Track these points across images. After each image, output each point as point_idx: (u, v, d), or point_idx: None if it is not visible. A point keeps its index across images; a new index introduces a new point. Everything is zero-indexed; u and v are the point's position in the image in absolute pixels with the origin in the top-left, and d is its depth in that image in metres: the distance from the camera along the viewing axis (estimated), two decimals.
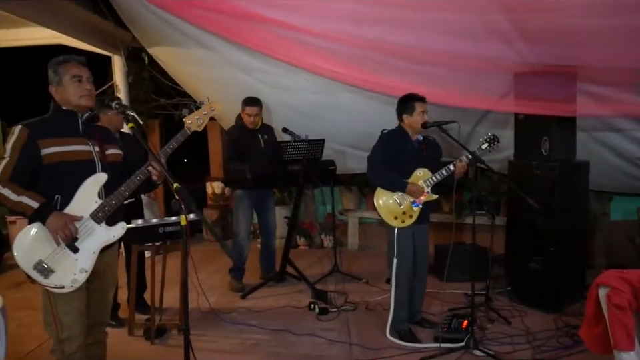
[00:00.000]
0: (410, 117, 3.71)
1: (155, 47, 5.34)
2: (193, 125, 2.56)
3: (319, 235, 6.93)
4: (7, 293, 3.60)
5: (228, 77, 4.99)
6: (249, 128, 4.87)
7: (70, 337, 2.42)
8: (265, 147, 4.93)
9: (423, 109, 3.69)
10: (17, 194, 2.30)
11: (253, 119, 4.85)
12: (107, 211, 2.44)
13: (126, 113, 2.45)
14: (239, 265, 5.10)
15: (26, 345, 3.76)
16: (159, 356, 3.62)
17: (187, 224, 2.03)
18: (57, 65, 2.47)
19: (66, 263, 2.38)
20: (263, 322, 4.15)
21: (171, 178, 2.08)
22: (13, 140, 2.35)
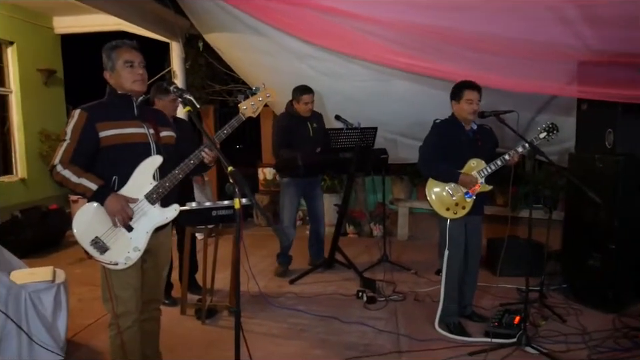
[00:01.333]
0: (457, 104, 3.62)
1: (211, 33, 5.43)
2: (247, 111, 2.57)
3: (368, 223, 6.89)
4: (68, 268, 3.77)
5: (281, 63, 5.01)
6: (299, 115, 4.87)
7: (125, 312, 2.50)
8: (314, 134, 4.93)
9: (471, 97, 3.56)
10: (77, 176, 2.37)
11: (310, 106, 4.85)
12: (160, 192, 2.49)
13: (183, 96, 2.49)
14: (285, 251, 5.15)
15: (86, 319, 3.93)
16: (210, 336, 3.70)
17: (240, 207, 2.05)
18: (110, 51, 2.52)
19: (120, 241, 2.45)
20: (310, 308, 4.17)
21: (226, 161, 2.10)
22: (73, 123, 2.43)
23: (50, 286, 3.30)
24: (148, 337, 2.73)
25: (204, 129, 2.33)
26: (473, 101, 3.55)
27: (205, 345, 3.54)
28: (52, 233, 6.39)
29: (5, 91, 7.13)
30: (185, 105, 2.42)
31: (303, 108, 4.82)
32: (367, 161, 4.84)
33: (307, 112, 4.85)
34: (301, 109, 4.83)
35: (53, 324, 3.28)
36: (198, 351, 3.46)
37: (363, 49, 4.27)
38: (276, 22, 4.20)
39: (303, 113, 4.84)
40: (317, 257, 5.28)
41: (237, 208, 2.04)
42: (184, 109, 2.41)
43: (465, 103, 3.57)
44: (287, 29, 4.29)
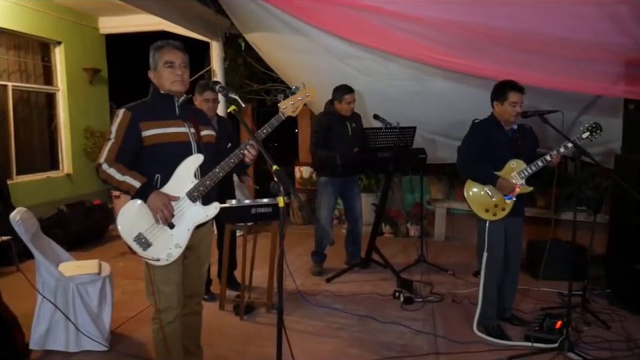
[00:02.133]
0: (500, 105, 3.54)
1: (251, 33, 5.49)
2: (287, 110, 2.59)
3: (404, 223, 6.85)
4: (112, 261, 3.88)
5: (321, 62, 5.03)
6: (339, 115, 4.88)
7: (168, 307, 2.56)
8: (353, 134, 4.93)
9: (515, 99, 3.46)
10: (122, 174, 2.43)
11: (353, 106, 4.85)
12: (202, 190, 2.53)
13: (228, 95, 2.52)
14: (320, 250, 5.16)
15: (128, 311, 4.04)
16: (248, 332, 3.75)
17: (284, 206, 2.07)
18: (154, 51, 2.58)
19: (162, 237, 2.50)
20: (347, 307, 4.18)
21: (270, 160, 2.12)
22: (118, 122, 2.48)
23: (96, 278, 3.41)
24: (190, 331, 2.79)
25: (248, 129, 2.36)
26: (517, 103, 3.48)
27: (243, 341, 3.59)
28: (95, 227, 6.60)
29: (53, 89, 7.38)
30: (229, 104, 2.45)
31: (345, 108, 4.83)
32: (406, 160, 4.82)
33: (348, 112, 4.86)
34: (343, 109, 4.83)
35: (98, 315, 3.40)
36: (237, 346, 3.51)
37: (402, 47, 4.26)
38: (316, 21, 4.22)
39: (344, 112, 4.85)
40: (353, 256, 5.29)
41: (281, 206, 2.06)
42: (229, 107, 2.43)
43: (509, 105, 3.49)
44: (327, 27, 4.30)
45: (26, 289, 3.54)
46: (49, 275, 3.29)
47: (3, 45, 6.53)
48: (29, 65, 6.99)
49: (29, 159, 6.98)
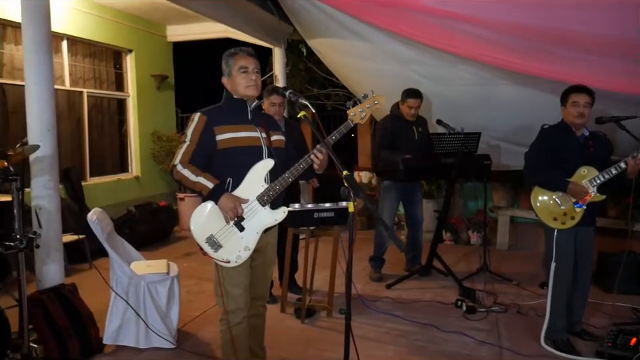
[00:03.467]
0: (564, 109, 3.46)
1: (314, 38, 5.55)
2: (355, 118, 2.60)
3: (466, 230, 6.71)
4: (176, 262, 4.00)
5: (383, 68, 5.01)
6: (405, 119, 4.85)
7: (236, 309, 2.62)
8: (418, 139, 4.88)
9: (577, 99, 3.37)
10: (195, 175, 2.52)
11: (414, 111, 4.81)
12: (271, 195, 2.58)
13: (299, 101, 2.56)
14: (379, 255, 5.13)
15: (193, 310, 4.17)
16: (309, 335, 3.78)
17: (354, 211, 2.08)
18: (228, 57, 2.65)
19: (233, 239, 2.56)
20: (408, 314, 4.14)
21: (340, 165, 2.14)
22: (193, 126, 2.58)
23: (165, 278, 3.54)
24: (254, 332, 2.85)
25: (320, 134, 2.38)
26: (578, 103, 3.37)
27: (304, 344, 3.63)
28: (161, 228, 6.84)
29: (124, 95, 7.73)
30: (299, 110, 2.49)
31: (407, 111, 4.80)
32: (469, 166, 4.73)
33: (409, 116, 4.82)
34: (405, 112, 4.81)
35: (166, 314, 3.52)
36: (298, 348, 3.55)
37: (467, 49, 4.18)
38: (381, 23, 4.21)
39: (407, 116, 4.82)
40: (413, 262, 5.23)
41: (351, 211, 2.08)
42: (299, 113, 2.47)
43: (570, 106, 3.40)
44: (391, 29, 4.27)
45: (98, 285, 3.73)
46: (122, 273, 3.44)
47: (79, 53, 6.90)
48: (102, 73, 7.36)
49: (101, 162, 7.34)
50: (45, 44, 3.46)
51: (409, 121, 4.86)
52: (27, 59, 3.44)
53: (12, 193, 3.05)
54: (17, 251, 3.01)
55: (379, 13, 4.16)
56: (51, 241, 3.47)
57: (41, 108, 3.45)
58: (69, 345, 3.20)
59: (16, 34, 5.88)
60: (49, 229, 3.46)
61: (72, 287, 3.52)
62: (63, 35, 6.41)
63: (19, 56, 5.93)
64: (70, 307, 3.35)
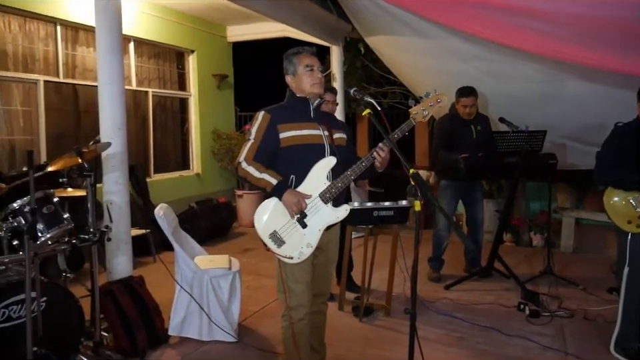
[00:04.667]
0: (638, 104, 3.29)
1: (372, 36, 5.53)
2: (418, 116, 2.58)
3: (527, 232, 6.51)
4: (235, 257, 4.08)
5: (444, 65, 4.94)
6: (463, 118, 4.76)
7: (298, 305, 2.64)
8: (477, 137, 4.77)
9: None
10: (259, 172, 2.56)
11: (469, 110, 4.72)
12: (333, 192, 2.59)
13: (364, 99, 2.56)
14: (438, 255, 5.06)
15: (253, 305, 4.25)
16: (367, 334, 3.78)
17: (420, 210, 2.07)
18: (292, 56, 2.69)
19: (295, 236, 2.58)
20: (468, 316, 4.05)
21: (406, 164, 2.13)
22: (257, 124, 2.62)
23: (227, 273, 3.62)
24: (315, 329, 2.87)
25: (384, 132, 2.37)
26: None
27: (363, 343, 3.62)
28: (221, 224, 7.00)
29: (186, 95, 7.96)
30: (365, 107, 2.49)
31: (462, 110, 4.71)
32: (534, 166, 4.58)
33: (465, 115, 4.73)
34: (460, 111, 4.72)
35: (228, 308, 3.60)
36: (356, 347, 3.55)
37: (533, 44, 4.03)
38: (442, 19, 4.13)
39: (462, 115, 4.73)
40: (473, 264, 5.12)
41: (418, 210, 2.06)
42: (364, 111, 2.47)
43: None
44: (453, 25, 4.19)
45: (162, 278, 3.87)
46: (186, 267, 3.55)
47: (144, 54, 7.16)
48: (166, 73, 7.61)
49: (164, 159, 7.60)
50: (116, 46, 3.62)
51: (467, 120, 4.76)
52: (100, 60, 3.61)
53: (86, 189, 3.21)
54: (90, 244, 3.17)
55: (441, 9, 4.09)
56: (120, 235, 3.62)
57: (113, 107, 3.61)
58: (136, 334, 3.33)
59: (87, 37, 6.18)
60: (119, 223, 3.61)
61: (140, 279, 3.66)
62: (130, 37, 6.66)
63: (90, 58, 6.22)
64: (138, 299, 3.49)
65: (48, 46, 5.79)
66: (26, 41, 5.56)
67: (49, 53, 5.81)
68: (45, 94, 5.69)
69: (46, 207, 3.04)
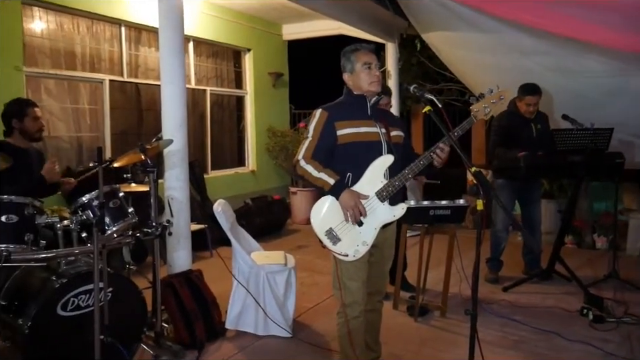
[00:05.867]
0: None
1: (429, 32, 5.45)
2: (479, 114, 2.52)
3: (590, 234, 6.25)
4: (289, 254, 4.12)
5: (505, 61, 4.81)
6: (523, 116, 4.61)
7: (353, 302, 2.64)
8: (537, 136, 4.62)
9: None
10: (317, 170, 2.57)
11: (532, 108, 4.57)
12: (390, 191, 2.58)
13: (424, 96, 2.53)
14: (496, 256, 4.93)
15: (307, 302, 4.28)
16: (423, 334, 3.74)
17: (483, 209, 2.02)
18: (350, 53, 2.68)
19: (351, 234, 2.58)
20: (527, 319, 3.93)
21: (468, 162, 2.09)
22: (315, 122, 2.63)
23: (283, 269, 3.67)
24: (370, 327, 2.87)
25: (445, 130, 2.34)
26: None
27: (418, 342, 3.59)
28: (275, 221, 7.10)
29: (242, 93, 8.11)
30: (425, 105, 2.45)
31: (524, 109, 4.56)
32: (599, 165, 4.39)
33: (527, 113, 4.58)
34: (522, 109, 4.58)
35: (283, 303, 3.65)
36: (411, 346, 3.52)
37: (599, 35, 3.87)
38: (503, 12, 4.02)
39: (524, 113, 4.59)
40: (532, 265, 4.97)
41: (480, 209, 2.01)
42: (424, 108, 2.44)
43: None
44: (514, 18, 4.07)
45: (219, 272, 3.96)
46: (243, 262, 3.62)
47: (203, 54, 7.34)
48: (223, 71, 7.78)
49: (221, 156, 7.77)
50: (178, 47, 3.73)
51: (526, 118, 4.62)
52: (163, 60, 3.73)
53: (149, 184, 3.33)
54: (153, 238, 3.29)
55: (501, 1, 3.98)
56: (180, 229, 3.73)
57: (174, 106, 3.73)
58: (195, 327, 3.43)
59: (150, 37, 6.39)
60: (180, 218, 3.72)
61: (198, 273, 3.76)
62: (190, 37, 6.84)
63: (151, 57, 6.44)
64: (197, 292, 3.59)
65: (113, 46, 6.04)
66: (93, 42, 5.82)
67: (114, 53, 6.05)
68: (109, 93, 5.94)
69: (112, 201, 3.17)
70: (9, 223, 2.83)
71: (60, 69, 5.46)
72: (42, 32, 5.34)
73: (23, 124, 3.50)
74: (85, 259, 3.13)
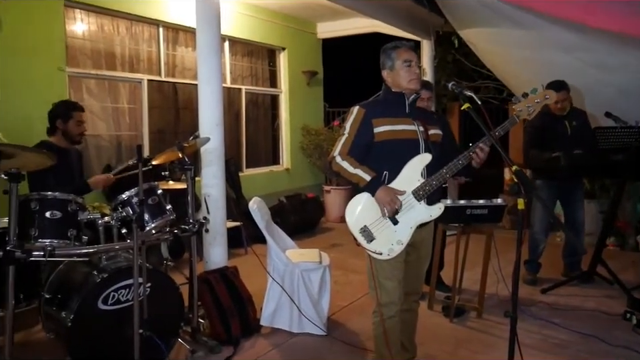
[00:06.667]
0: None
1: (466, 29, 5.37)
2: (522, 113, 2.46)
3: (634, 235, 6.04)
4: (323, 252, 4.13)
5: (544, 57, 4.69)
6: (555, 114, 4.49)
7: (389, 302, 2.63)
8: (572, 133, 4.49)
9: None
10: (354, 167, 2.55)
11: (561, 105, 4.44)
12: (427, 190, 2.55)
13: (463, 93, 2.49)
14: (534, 258, 4.81)
15: (341, 300, 4.27)
16: (458, 335, 3.68)
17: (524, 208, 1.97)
18: (391, 51, 2.65)
19: (386, 232, 2.55)
20: (567, 322, 3.84)
21: (509, 160, 2.05)
22: (352, 119, 2.62)
23: (318, 267, 3.67)
24: (406, 327, 2.84)
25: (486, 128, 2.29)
26: None
27: (454, 343, 3.54)
28: (309, 219, 7.11)
29: (277, 92, 8.16)
30: (464, 101, 2.41)
31: (553, 106, 4.43)
32: None
33: (557, 111, 4.46)
34: (552, 107, 4.44)
35: (318, 301, 3.65)
36: (447, 347, 3.47)
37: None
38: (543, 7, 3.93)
39: (554, 111, 4.46)
40: (572, 267, 4.84)
41: (521, 208, 1.97)
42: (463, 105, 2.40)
43: None
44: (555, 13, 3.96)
45: (253, 269, 3.99)
46: (278, 259, 3.64)
47: (238, 53, 7.42)
48: (258, 70, 7.84)
49: (255, 155, 7.84)
50: (215, 46, 3.78)
51: (559, 116, 4.49)
52: (200, 60, 3.78)
53: (186, 182, 3.38)
54: (190, 234, 3.34)
55: None
56: (217, 226, 3.78)
57: (211, 104, 3.78)
58: (231, 323, 3.46)
59: (186, 37, 6.49)
60: (216, 216, 3.77)
61: (234, 270, 3.80)
62: (225, 36, 6.92)
63: (188, 57, 6.54)
64: (232, 288, 3.63)
65: (151, 47, 6.16)
66: (132, 42, 5.95)
67: (152, 54, 6.17)
68: (148, 92, 6.06)
69: (151, 198, 3.23)
70: (53, 219, 2.92)
71: (100, 69, 5.60)
72: (83, 33, 5.49)
73: (66, 126, 3.61)
74: (125, 255, 3.20)
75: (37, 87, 4.79)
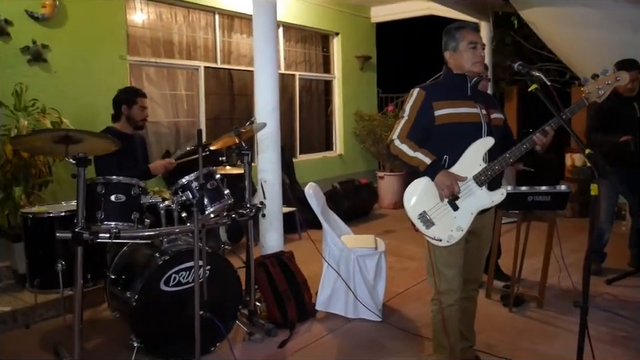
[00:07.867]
0: None
1: (528, 9, 5.15)
2: (592, 95, 2.34)
3: None
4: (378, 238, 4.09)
5: (613, 36, 4.44)
6: (623, 95, 4.25)
7: (448, 290, 2.58)
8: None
9: None
10: (413, 150, 2.49)
11: (632, 85, 4.19)
12: (489, 175, 2.47)
13: (530, 73, 2.38)
14: (599, 249, 4.60)
15: (396, 287, 4.24)
16: (518, 325, 3.59)
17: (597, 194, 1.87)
18: (455, 31, 2.57)
19: (445, 218, 2.49)
20: (634, 314, 3.66)
21: (581, 143, 1.95)
22: (412, 101, 2.56)
23: (373, 252, 3.65)
24: (465, 315, 2.78)
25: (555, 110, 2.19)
26: None
27: (514, 334, 3.44)
28: (362, 205, 7.09)
29: (330, 77, 8.13)
30: (531, 83, 2.31)
31: (622, 86, 4.17)
32: None
33: (627, 91, 4.21)
34: (621, 87, 4.18)
35: (373, 287, 3.64)
36: (507, 337, 3.38)
37: None
38: None
39: (623, 92, 4.22)
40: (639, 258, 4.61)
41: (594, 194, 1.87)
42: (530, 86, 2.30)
43: None
44: None
45: (308, 254, 4.01)
46: (334, 245, 3.64)
47: (292, 39, 7.42)
48: (312, 56, 7.83)
49: (309, 140, 7.86)
50: (271, 33, 3.78)
51: (627, 97, 4.24)
52: (257, 46, 3.80)
53: (243, 167, 3.42)
54: (247, 219, 3.38)
55: None
56: (273, 211, 3.81)
57: (267, 90, 3.79)
58: (287, 306, 3.50)
59: (242, 24, 6.55)
60: (272, 201, 3.80)
61: (290, 254, 3.83)
62: (280, 22, 6.93)
63: (243, 44, 6.60)
64: (288, 272, 3.66)
65: (207, 34, 6.25)
66: (189, 30, 6.05)
67: (208, 41, 6.26)
68: (204, 79, 6.16)
69: (209, 182, 3.29)
70: (118, 202, 3.01)
71: (159, 57, 5.73)
72: (143, 22, 5.63)
73: (130, 111, 3.71)
74: (185, 238, 3.28)
75: (100, 75, 4.96)
